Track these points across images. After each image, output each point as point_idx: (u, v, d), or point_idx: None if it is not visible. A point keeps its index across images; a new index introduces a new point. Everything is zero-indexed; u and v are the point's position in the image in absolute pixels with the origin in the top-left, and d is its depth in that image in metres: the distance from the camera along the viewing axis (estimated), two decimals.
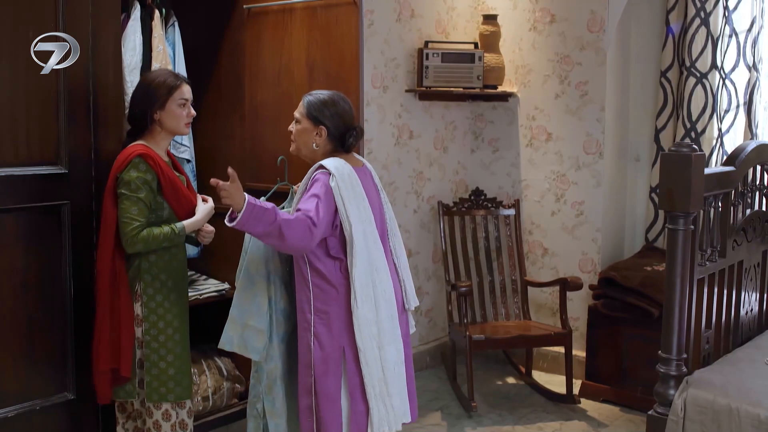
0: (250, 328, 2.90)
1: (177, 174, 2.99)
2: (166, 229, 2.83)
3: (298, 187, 3.05)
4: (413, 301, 3.06)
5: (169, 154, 3.06)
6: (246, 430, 3.06)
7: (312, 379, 2.81)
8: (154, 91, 2.86)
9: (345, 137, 2.88)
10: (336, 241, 2.78)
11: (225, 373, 3.79)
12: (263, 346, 2.91)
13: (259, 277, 2.90)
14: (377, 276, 2.80)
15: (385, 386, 2.80)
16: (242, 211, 2.61)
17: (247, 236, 2.91)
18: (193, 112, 2.98)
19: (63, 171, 2.89)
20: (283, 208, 3.05)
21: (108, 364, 2.85)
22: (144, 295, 2.87)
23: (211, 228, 3.03)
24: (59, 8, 2.83)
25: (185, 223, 2.89)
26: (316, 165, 2.82)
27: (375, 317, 2.78)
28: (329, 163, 2.80)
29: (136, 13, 3.44)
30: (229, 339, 2.92)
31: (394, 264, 2.98)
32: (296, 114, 2.91)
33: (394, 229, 3.03)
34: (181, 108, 2.90)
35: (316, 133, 2.86)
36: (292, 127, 2.94)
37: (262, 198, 2.89)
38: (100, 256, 2.87)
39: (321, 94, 2.91)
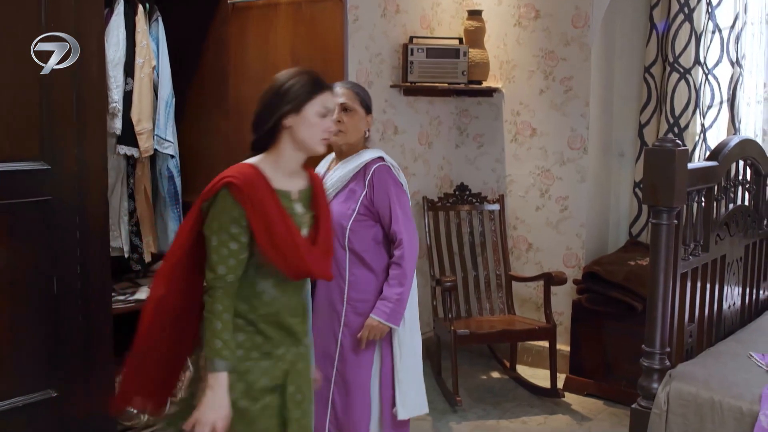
0: None
1: (301, 210, 2.28)
2: (225, 352, 2.13)
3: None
4: None
5: (312, 175, 2.38)
6: None
7: (334, 369, 2.81)
8: (289, 90, 2.22)
9: None
10: (383, 229, 2.84)
11: None
12: None
13: None
14: None
15: (409, 372, 2.84)
16: (395, 318, 2.74)
17: None
18: (331, 125, 2.34)
19: (45, 167, 2.86)
20: None
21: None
22: None
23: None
24: (42, 3, 2.79)
25: (223, 376, 2.14)
26: (374, 156, 2.84)
27: (410, 302, 2.82)
28: (386, 156, 2.87)
29: (120, 7, 3.42)
30: None
31: None
32: (347, 102, 2.80)
33: None
34: (320, 118, 2.25)
35: (368, 120, 2.90)
36: (342, 117, 2.80)
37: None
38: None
39: (354, 82, 2.96)
